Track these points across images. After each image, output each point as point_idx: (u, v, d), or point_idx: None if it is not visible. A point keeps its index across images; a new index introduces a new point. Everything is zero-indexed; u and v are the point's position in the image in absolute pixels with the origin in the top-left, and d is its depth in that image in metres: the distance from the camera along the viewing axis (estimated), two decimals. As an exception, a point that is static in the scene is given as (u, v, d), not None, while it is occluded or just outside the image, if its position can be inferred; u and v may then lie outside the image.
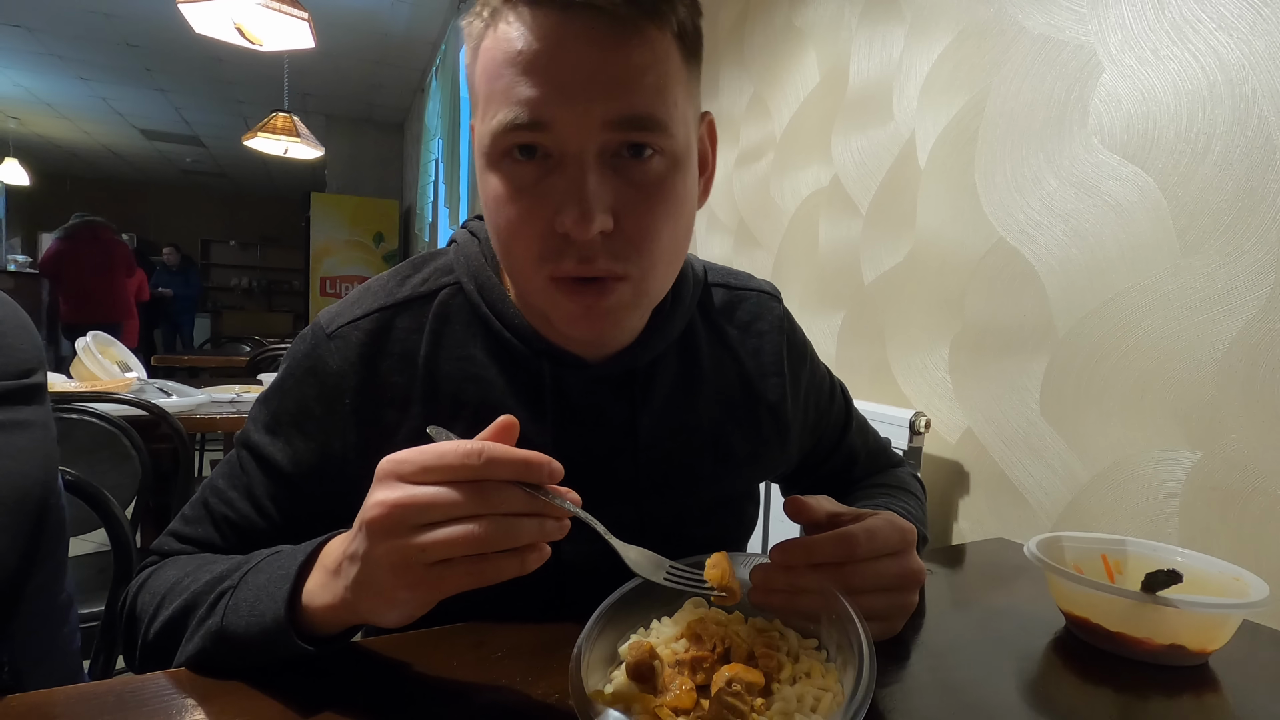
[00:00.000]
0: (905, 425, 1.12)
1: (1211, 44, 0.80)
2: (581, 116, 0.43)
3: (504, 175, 0.46)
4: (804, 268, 1.55)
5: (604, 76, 0.43)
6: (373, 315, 0.56)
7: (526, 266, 0.48)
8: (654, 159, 0.46)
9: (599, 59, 0.43)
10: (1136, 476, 0.87)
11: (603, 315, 0.49)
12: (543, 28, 0.43)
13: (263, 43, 2.27)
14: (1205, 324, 0.80)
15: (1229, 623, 0.53)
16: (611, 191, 0.45)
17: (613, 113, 0.44)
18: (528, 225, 0.46)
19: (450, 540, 0.36)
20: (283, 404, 0.55)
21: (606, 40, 0.43)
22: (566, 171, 0.45)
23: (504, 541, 0.37)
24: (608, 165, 0.45)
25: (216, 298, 10.16)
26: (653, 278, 0.50)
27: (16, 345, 0.54)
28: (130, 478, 1.32)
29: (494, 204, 0.48)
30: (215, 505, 0.56)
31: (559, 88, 0.43)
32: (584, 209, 0.44)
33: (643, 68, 0.44)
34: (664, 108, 0.45)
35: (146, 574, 0.55)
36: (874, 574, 0.47)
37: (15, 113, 7.03)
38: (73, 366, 1.82)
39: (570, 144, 0.44)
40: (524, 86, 0.43)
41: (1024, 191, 1.03)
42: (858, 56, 1.40)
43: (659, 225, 0.47)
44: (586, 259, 0.46)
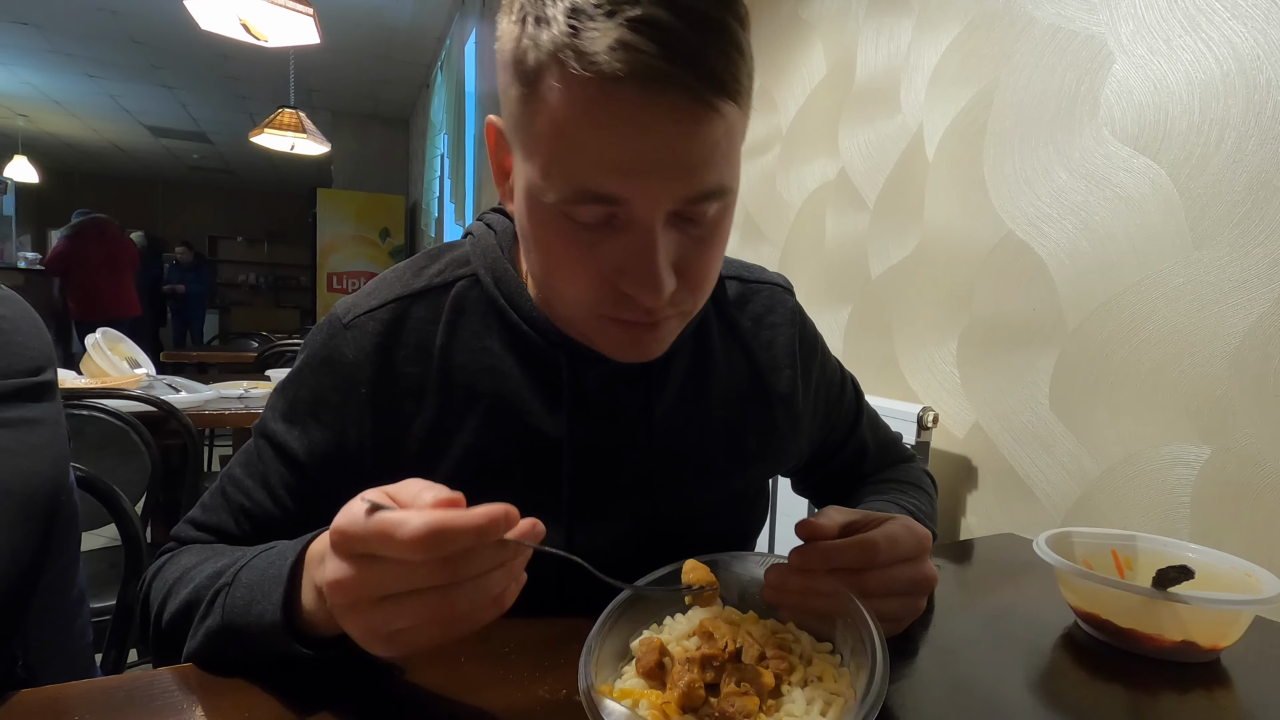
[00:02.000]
0: (913, 420, 1.11)
1: (1225, 33, 0.79)
2: (657, 195, 0.42)
3: (561, 229, 0.45)
4: (810, 262, 1.55)
5: (683, 161, 0.42)
6: (389, 305, 0.56)
7: (574, 308, 0.49)
8: (714, 207, 0.46)
9: (679, 144, 0.41)
10: (1147, 471, 0.86)
11: (652, 344, 0.50)
12: (622, 106, 0.40)
13: (268, 38, 2.28)
14: (1217, 317, 0.79)
15: (1241, 619, 0.53)
16: (675, 248, 0.45)
17: (689, 191, 0.43)
18: (585, 275, 0.46)
19: (414, 611, 0.35)
20: (299, 393, 0.56)
21: (687, 120, 0.41)
22: (634, 236, 0.44)
23: (473, 605, 0.35)
24: (670, 225, 0.45)
25: (224, 294, 10.21)
26: (700, 305, 0.51)
27: (26, 343, 0.54)
28: (140, 473, 1.33)
29: (545, 245, 0.47)
30: (232, 494, 0.56)
31: (636, 172, 0.41)
32: (654, 279, 0.44)
33: (717, 143, 0.43)
34: (731, 173, 0.45)
35: (162, 561, 0.55)
36: (891, 579, 0.47)
37: (24, 110, 7.07)
38: (82, 363, 1.83)
39: (641, 214, 0.43)
40: (598, 167, 0.41)
41: (1033, 184, 1.02)
42: (865, 48, 1.39)
43: (714, 265, 0.49)
44: (650, 314, 0.47)
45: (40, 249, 8.81)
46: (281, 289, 10.47)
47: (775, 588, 0.47)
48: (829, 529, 0.48)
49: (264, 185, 10.69)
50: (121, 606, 0.90)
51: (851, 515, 0.51)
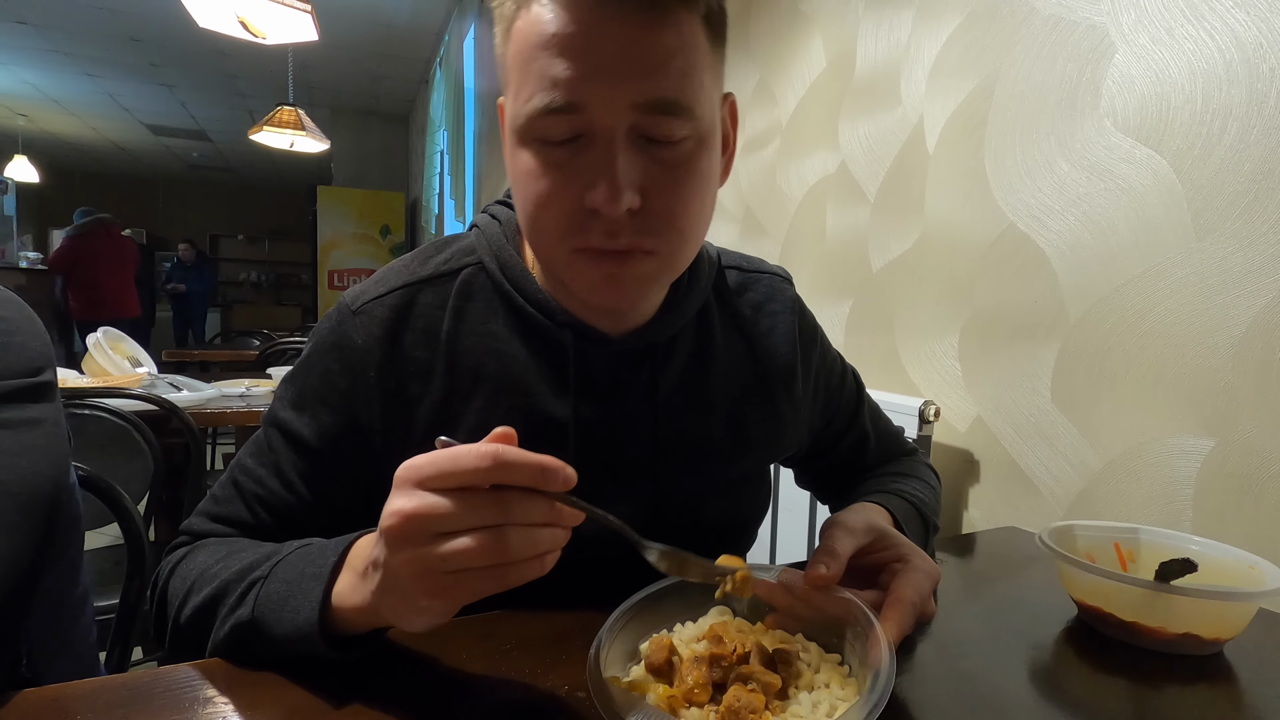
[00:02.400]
0: (914, 414, 1.11)
1: (1228, 22, 0.78)
2: (612, 97, 0.44)
3: (536, 152, 0.47)
4: (811, 256, 1.54)
5: (634, 58, 0.44)
6: (397, 291, 0.57)
7: (551, 239, 0.49)
8: (684, 140, 0.47)
9: (630, 41, 0.44)
10: (1150, 464, 0.86)
11: (624, 284, 0.50)
12: (577, 10, 0.43)
13: (266, 36, 2.27)
14: (1221, 309, 0.79)
15: (1244, 611, 0.53)
16: (640, 170, 0.46)
17: (642, 95, 0.44)
18: (557, 200, 0.47)
19: (469, 550, 0.35)
20: (308, 380, 0.56)
21: (638, 22, 0.44)
22: (597, 150, 0.46)
23: (523, 552, 0.36)
24: (637, 145, 0.46)
25: (226, 292, 10.21)
26: (679, 253, 0.51)
27: (25, 344, 0.54)
28: (142, 472, 1.33)
29: (524, 179, 0.49)
30: (245, 483, 0.57)
31: (591, 69, 0.44)
32: (613, 186, 0.45)
33: (672, 51, 0.45)
34: (691, 91, 0.46)
35: (179, 556, 0.55)
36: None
37: (24, 110, 7.07)
38: (84, 362, 1.83)
39: (601, 123, 0.45)
40: (558, 69, 0.44)
41: (1035, 176, 1.02)
42: (865, 41, 1.39)
43: (685, 202, 0.49)
44: (612, 234, 0.47)
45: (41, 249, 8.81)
46: (283, 287, 10.48)
47: (780, 586, 0.48)
48: (837, 572, 0.48)
49: (264, 183, 10.68)
50: (125, 605, 0.90)
51: (855, 542, 0.51)
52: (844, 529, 0.52)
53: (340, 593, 0.43)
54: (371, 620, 0.42)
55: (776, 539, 1.41)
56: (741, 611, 0.49)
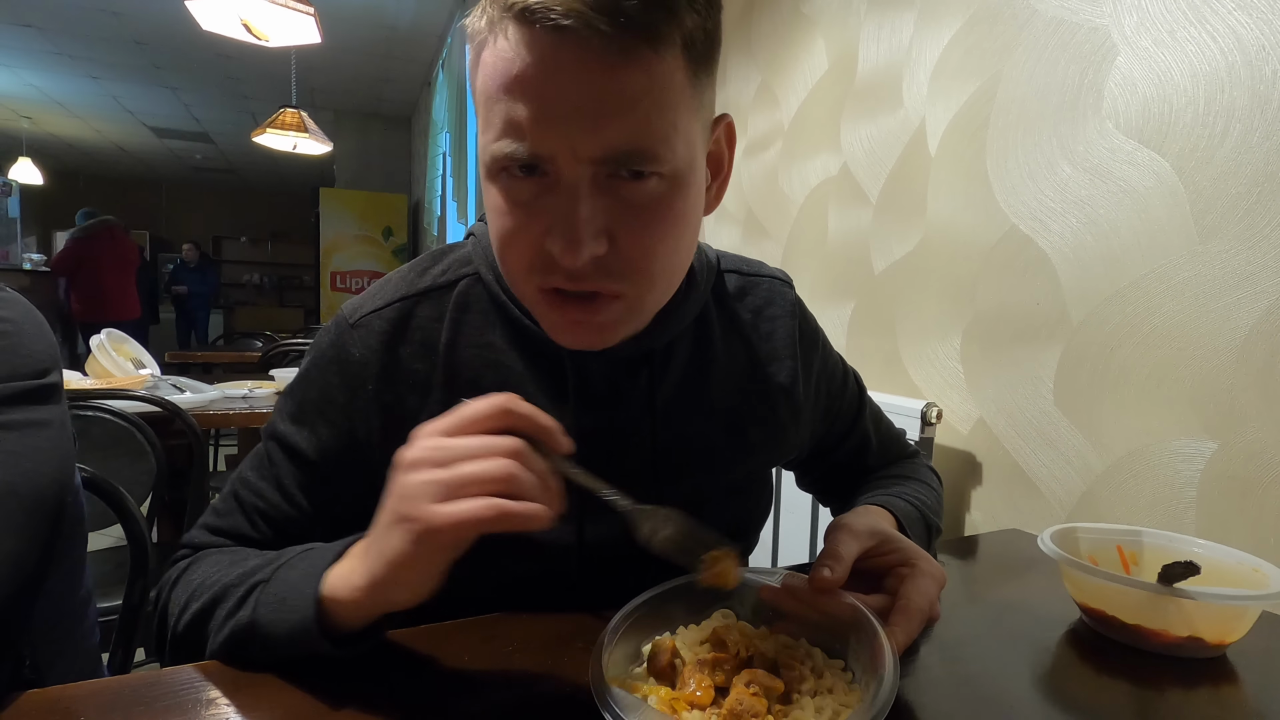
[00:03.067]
0: (917, 416, 1.11)
1: (1230, 24, 0.78)
2: (573, 148, 0.42)
3: (501, 188, 0.46)
4: (813, 258, 1.54)
5: (591, 109, 0.41)
6: (394, 305, 0.57)
7: (517, 277, 0.49)
8: (651, 179, 0.45)
9: (587, 89, 0.41)
10: (1153, 466, 0.86)
11: (593, 329, 0.49)
12: (536, 51, 0.41)
13: (269, 38, 2.28)
14: (1223, 311, 0.79)
15: (1247, 614, 0.53)
16: (605, 214, 0.44)
17: (599, 148, 0.42)
18: (520, 238, 0.46)
19: (481, 470, 0.38)
20: (307, 393, 0.57)
21: (598, 68, 0.41)
22: (560, 194, 0.44)
23: (526, 488, 0.39)
24: (602, 187, 0.44)
25: (228, 294, 10.22)
26: (648, 296, 0.50)
27: (31, 346, 0.54)
28: (145, 474, 1.33)
29: (492, 212, 0.48)
30: (246, 497, 0.57)
31: (549, 118, 0.42)
32: (573, 237, 0.43)
33: (635, 97, 0.42)
34: (660, 134, 0.43)
35: (181, 568, 0.56)
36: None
37: (28, 112, 7.09)
38: (88, 364, 1.83)
39: (564, 169, 0.43)
40: (518, 115, 0.42)
41: (1037, 178, 1.02)
42: (867, 43, 1.39)
43: (655, 245, 0.47)
44: (575, 278, 0.46)
45: (45, 251, 8.83)
46: (285, 289, 10.50)
47: (784, 590, 0.48)
48: (842, 575, 0.48)
49: (267, 185, 10.71)
50: (128, 607, 0.90)
51: (857, 546, 0.51)
52: (848, 532, 0.52)
53: (334, 582, 0.44)
54: (368, 599, 0.42)
55: (779, 541, 1.41)
56: (745, 615, 0.49)
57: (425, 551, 0.39)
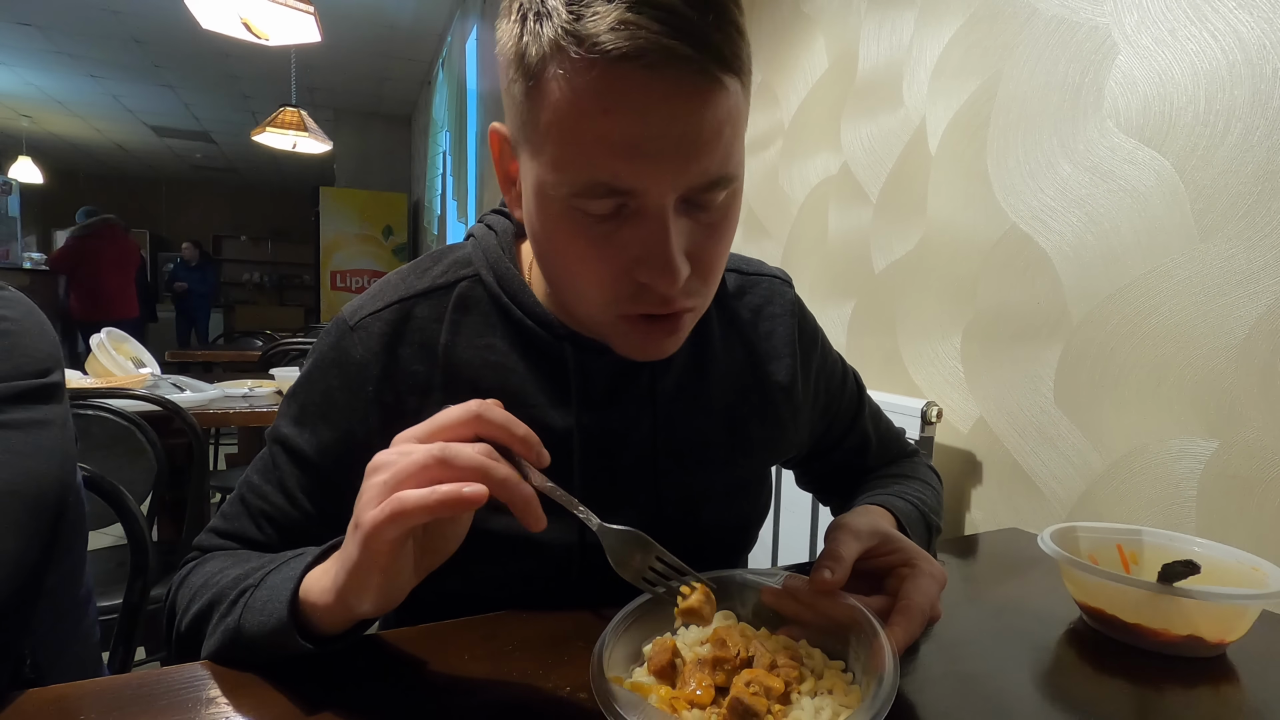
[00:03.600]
0: (917, 415, 1.11)
1: (1231, 23, 0.78)
2: (667, 182, 0.43)
3: (573, 223, 0.45)
4: (813, 257, 1.54)
5: (690, 141, 0.42)
6: (394, 306, 0.57)
7: (594, 305, 0.49)
8: (723, 195, 0.46)
9: (684, 123, 0.41)
10: (1153, 465, 0.86)
11: (669, 343, 0.51)
12: (626, 87, 0.40)
13: (269, 37, 2.28)
14: (1224, 310, 0.79)
15: (1247, 613, 0.53)
16: (686, 236, 0.46)
17: (696, 177, 0.43)
18: (600, 270, 0.46)
19: (410, 463, 0.38)
20: (309, 396, 0.57)
21: (691, 99, 0.41)
22: (647, 225, 0.44)
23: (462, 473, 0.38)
24: (682, 211, 0.45)
25: (229, 292, 10.23)
26: (710, 299, 0.52)
27: (33, 345, 0.54)
28: (146, 473, 1.33)
29: (558, 244, 0.47)
30: (251, 500, 0.57)
31: (644, 156, 0.42)
32: (669, 265, 0.44)
33: (721, 123, 0.43)
34: (735, 159, 0.45)
35: (188, 569, 0.57)
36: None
37: (27, 111, 7.09)
38: (88, 363, 1.84)
39: (651, 201, 0.43)
40: (607, 154, 0.42)
41: (1037, 177, 1.02)
42: (867, 42, 1.39)
43: (723, 254, 0.49)
44: (666, 303, 0.47)
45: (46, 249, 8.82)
46: (285, 288, 10.50)
47: (784, 591, 0.48)
48: (843, 577, 0.48)
49: (267, 184, 10.71)
50: (128, 605, 0.90)
51: (858, 546, 0.51)
52: (849, 533, 0.52)
53: (310, 585, 0.44)
54: (336, 610, 0.42)
55: (778, 540, 1.41)
56: (745, 616, 0.49)
57: (371, 555, 0.38)
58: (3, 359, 0.51)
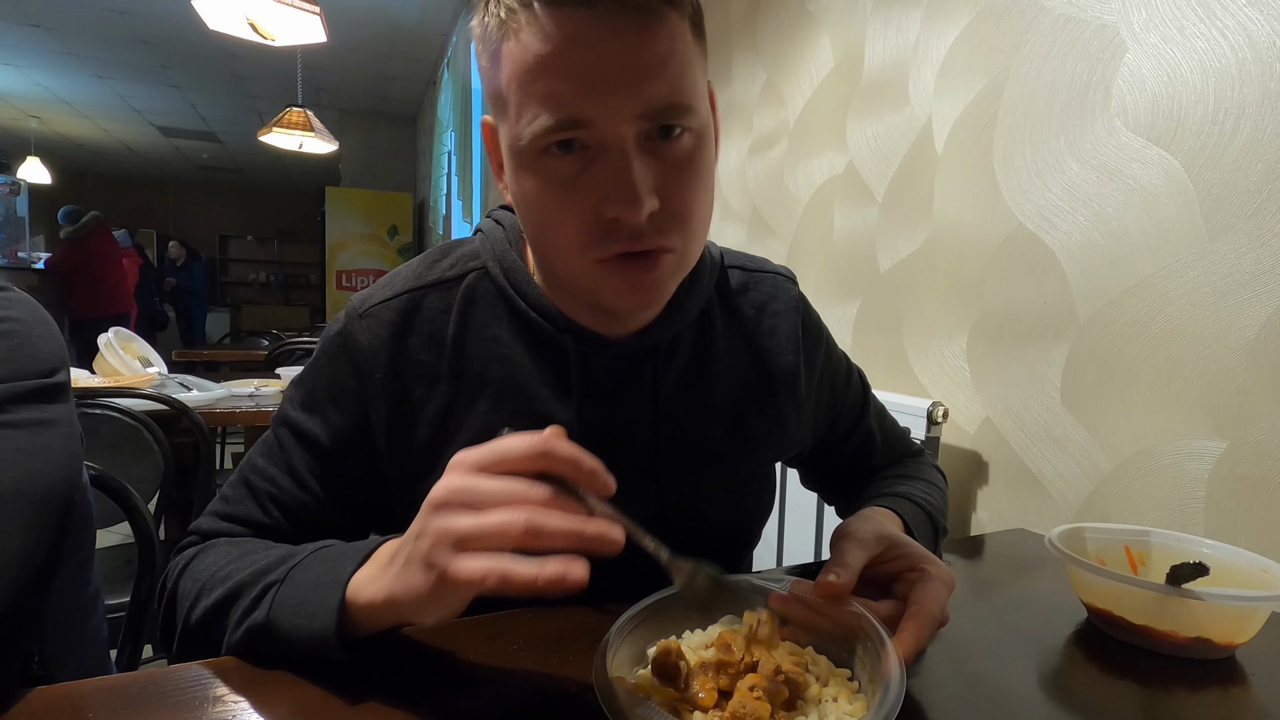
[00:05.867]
0: (923, 415, 1.11)
1: (1240, 20, 0.78)
2: (619, 107, 0.45)
3: (542, 172, 0.48)
4: (819, 256, 1.54)
5: (635, 68, 0.45)
6: (403, 296, 0.58)
7: (571, 254, 0.50)
8: (684, 136, 0.48)
9: (628, 49, 0.44)
10: (1161, 466, 0.86)
11: (651, 286, 0.51)
12: (571, 27, 0.44)
13: (275, 37, 2.28)
14: (1233, 309, 0.78)
15: (1257, 615, 0.53)
16: (652, 173, 0.47)
17: (647, 103, 0.45)
18: (572, 215, 0.48)
19: (502, 525, 0.36)
20: (317, 381, 0.58)
21: (634, 29, 0.44)
22: (609, 161, 0.46)
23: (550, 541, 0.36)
24: (644, 149, 0.47)
25: (234, 292, 10.27)
26: (691, 246, 0.52)
27: (40, 345, 0.54)
28: (153, 471, 1.34)
29: (533, 199, 0.49)
30: (257, 483, 0.58)
31: (594, 85, 0.44)
32: (633, 194, 0.46)
33: (667, 55, 0.46)
34: (689, 89, 0.47)
35: (189, 555, 0.55)
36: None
37: (35, 112, 7.13)
38: (95, 362, 1.85)
39: (610, 134, 0.46)
40: (560, 88, 0.45)
41: (1044, 176, 1.01)
42: (873, 40, 1.38)
43: (696, 197, 0.50)
44: (636, 237, 0.48)
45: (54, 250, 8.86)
46: (291, 287, 10.53)
47: (791, 597, 0.47)
48: (850, 581, 0.47)
49: (273, 184, 10.74)
50: (135, 603, 0.91)
51: (865, 552, 0.50)
52: (854, 540, 0.51)
53: (357, 586, 0.43)
54: (386, 614, 0.42)
55: (783, 540, 1.41)
56: None
57: (443, 596, 0.38)
58: (9, 359, 0.51)
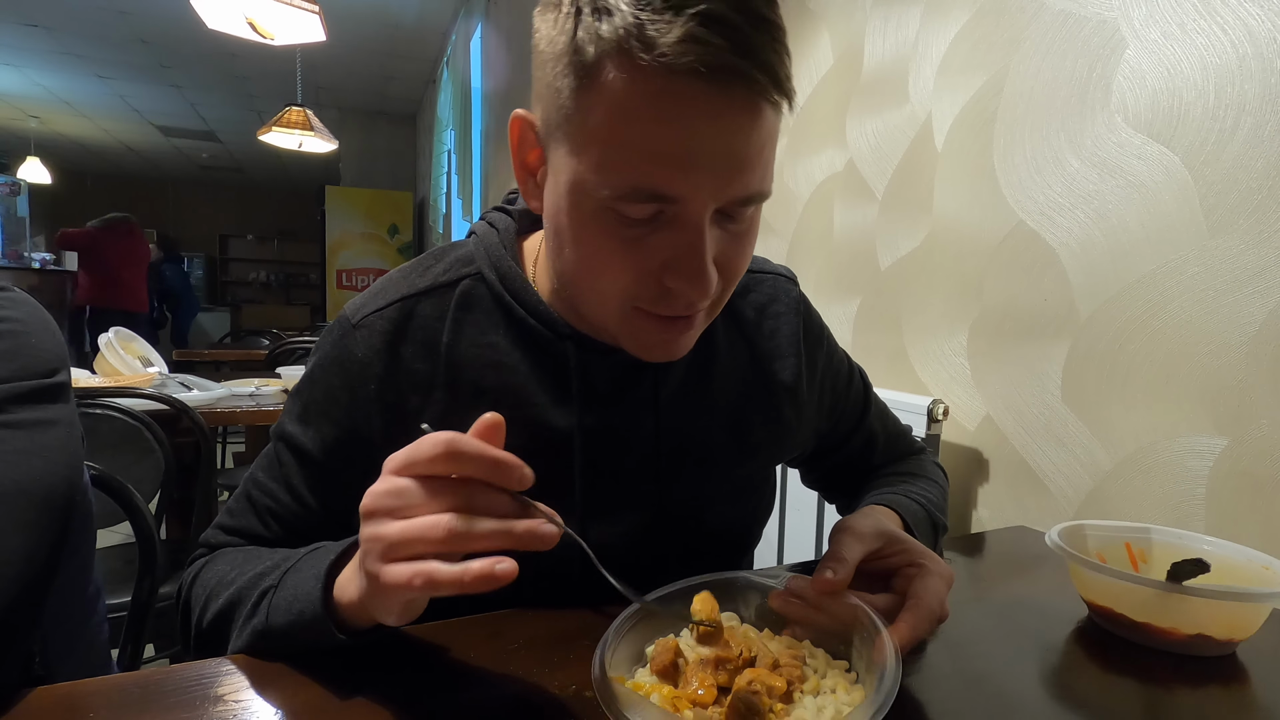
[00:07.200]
0: (923, 413, 1.11)
1: (1240, 15, 0.78)
2: (709, 194, 0.43)
3: (607, 224, 0.46)
4: (819, 254, 1.54)
5: (736, 157, 0.43)
6: (396, 304, 0.57)
7: (612, 303, 0.49)
8: (752, 209, 0.48)
9: (735, 138, 0.43)
10: (1162, 463, 0.85)
11: (684, 343, 0.52)
12: (687, 98, 0.41)
13: (274, 37, 2.28)
14: (1234, 306, 0.78)
15: (1258, 612, 0.52)
16: (716, 245, 0.47)
17: (736, 193, 0.44)
18: (627, 271, 0.47)
19: (411, 529, 0.36)
20: (312, 394, 0.57)
21: (744, 117, 0.42)
22: (683, 233, 0.45)
23: (475, 542, 0.36)
24: (714, 221, 0.46)
25: (235, 292, 10.27)
26: (727, 295, 0.52)
27: (40, 345, 0.54)
28: (154, 471, 1.34)
29: (585, 240, 0.47)
30: (257, 497, 0.59)
31: (693, 167, 0.42)
32: (702, 274, 0.45)
33: (763, 144, 0.44)
34: (770, 177, 0.47)
35: (199, 565, 0.58)
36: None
37: (35, 111, 7.13)
38: (96, 362, 1.85)
39: (690, 213, 0.44)
40: (657, 161, 0.42)
41: (1044, 173, 1.01)
42: (872, 37, 1.38)
43: (746, 261, 0.51)
44: (689, 306, 0.48)
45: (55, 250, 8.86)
46: (292, 286, 10.54)
47: (789, 593, 0.47)
48: (846, 577, 0.47)
49: (274, 183, 10.74)
50: (136, 603, 0.91)
51: (862, 547, 0.50)
52: (852, 534, 0.51)
53: (340, 586, 0.45)
54: (361, 614, 0.43)
55: (784, 539, 1.41)
56: (749, 618, 0.49)
57: (383, 602, 0.40)
58: (9, 360, 0.51)
